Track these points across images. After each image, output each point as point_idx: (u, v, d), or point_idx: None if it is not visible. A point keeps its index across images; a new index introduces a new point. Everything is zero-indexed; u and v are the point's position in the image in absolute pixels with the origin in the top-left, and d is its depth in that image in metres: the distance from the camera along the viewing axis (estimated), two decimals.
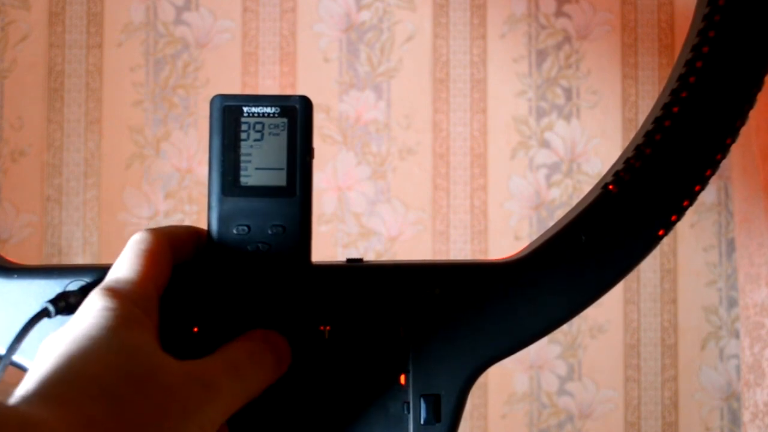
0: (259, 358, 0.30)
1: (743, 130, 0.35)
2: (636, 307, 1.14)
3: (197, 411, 0.26)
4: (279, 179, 0.33)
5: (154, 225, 0.94)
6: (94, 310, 0.27)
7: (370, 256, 1.12)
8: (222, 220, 0.33)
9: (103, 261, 0.32)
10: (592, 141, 1.15)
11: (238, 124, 0.33)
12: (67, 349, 0.25)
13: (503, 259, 0.36)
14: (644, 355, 1.14)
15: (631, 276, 1.13)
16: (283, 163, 0.33)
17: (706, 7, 0.35)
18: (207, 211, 0.33)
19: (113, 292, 0.28)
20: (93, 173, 1.11)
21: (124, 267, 0.30)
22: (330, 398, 0.33)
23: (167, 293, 0.31)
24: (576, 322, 1.13)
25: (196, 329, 0.33)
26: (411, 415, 0.34)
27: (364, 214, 1.12)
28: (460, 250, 1.13)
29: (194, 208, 1.11)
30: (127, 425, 0.24)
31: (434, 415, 0.33)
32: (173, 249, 0.32)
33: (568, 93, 1.15)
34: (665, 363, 1.14)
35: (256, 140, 0.33)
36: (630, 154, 0.35)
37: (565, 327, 1.11)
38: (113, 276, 0.30)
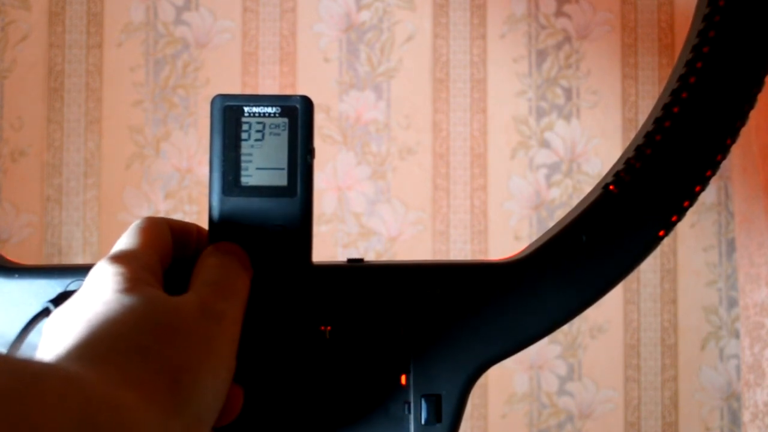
0: (232, 273, 0.31)
1: (743, 131, 0.35)
2: (636, 307, 1.14)
3: (217, 344, 0.27)
4: (280, 179, 0.33)
5: None
6: (104, 277, 0.28)
7: (370, 256, 1.12)
8: (223, 219, 0.33)
9: None
10: (592, 141, 1.15)
11: (239, 124, 0.33)
12: (87, 315, 0.26)
13: (503, 259, 0.36)
14: (644, 355, 1.14)
15: (631, 276, 1.13)
16: (284, 163, 0.33)
17: (707, 8, 0.35)
18: (208, 211, 0.33)
19: (119, 259, 0.29)
20: (93, 173, 1.11)
21: (125, 241, 0.31)
22: (331, 398, 0.33)
23: (169, 290, 0.31)
24: (576, 322, 1.13)
25: None
26: (412, 416, 0.34)
27: (364, 214, 1.12)
28: (460, 250, 1.13)
29: (194, 208, 1.11)
30: (164, 373, 0.24)
31: (435, 415, 0.33)
32: (173, 233, 0.32)
33: (568, 93, 1.15)
34: (665, 363, 1.14)
35: (256, 140, 0.33)
36: (630, 155, 0.35)
37: (565, 327, 1.11)
38: (116, 249, 0.30)
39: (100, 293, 0.27)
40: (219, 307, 0.28)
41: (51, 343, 0.25)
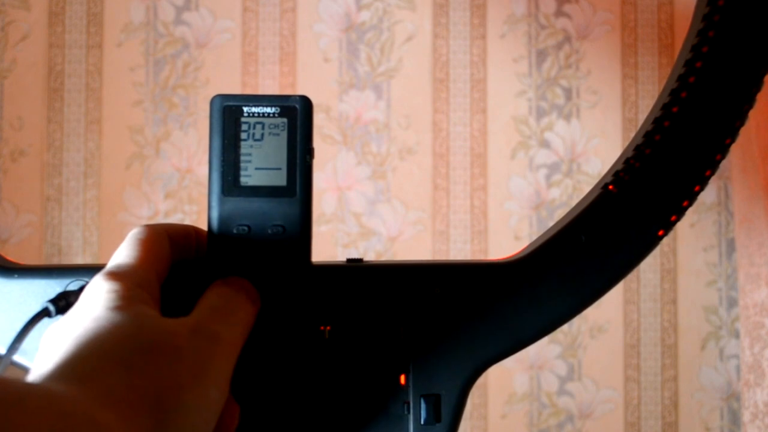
0: (235, 300, 0.31)
1: (743, 130, 0.35)
2: (636, 307, 1.14)
3: (208, 366, 0.27)
4: (279, 179, 0.33)
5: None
6: (98, 293, 0.28)
7: (370, 256, 1.12)
8: (222, 219, 0.33)
9: (103, 261, 0.32)
10: (592, 141, 1.15)
11: (238, 124, 0.33)
12: (76, 332, 0.26)
13: (503, 259, 0.36)
14: (644, 355, 1.14)
15: (631, 276, 1.13)
16: (283, 163, 0.33)
17: (706, 7, 0.35)
18: (207, 211, 0.33)
19: (114, 275, 0.29)
20: (93, 173, 1.11)
21: (123, 254, 0.31)
22: (330, 398, 0.33)
23: (167, 292, 0.31)
24: (576, 322, 1.13)
25: None
26: (411, 415, 0.34)
27: (364, 214, 1.12)
28: (460, 250, 1.13)
29: (194, 208, 1.11)
30: (147, 392, 0.24)
31: (434, 415, 0.33)
32: (172, 242, 0.32)
33: (568, 93, 1.15)
34: (665, 363, 1.14)
35: (256, 140, 0.33)
36: (630, 155, 0.35)
37: (565, 327, 1.11)
38: (113, 263, 0.30)
39: (92, 310, 0.27)
40: (215, 329, 0.28)
41: (42, 358, 0.26)
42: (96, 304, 0.27)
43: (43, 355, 0.26)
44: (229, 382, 0.28)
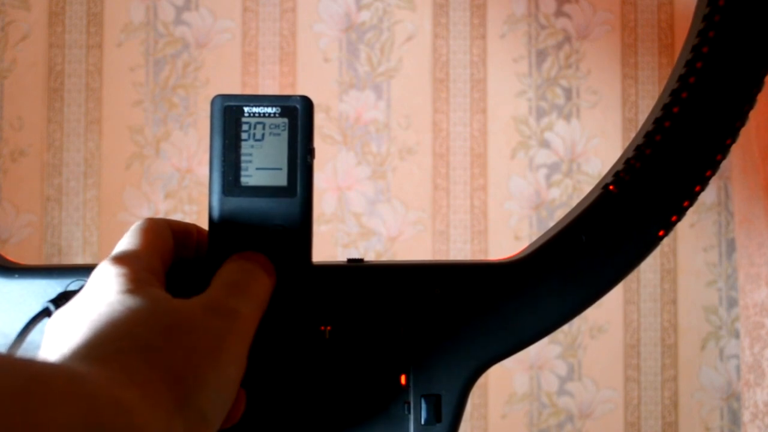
0: (250, 273, 0.31)
1: (743, 130, 0.35)
2: (636, 307, 1.14)
3: (225, 343, 0.27)
4: (279, 179, 0.33)
5: None
6: (106, 278, 0.28)
7: (370, 256, 1.12)
8: (223, 219, 0.33)
9: None
10: (592, 141, 1.15)
11: (239, 124, 0.33)
12: (91, 317, 0.26)
13: (503, 259, 0.36)
14: (644, 355, 1.14)
15: (631, 276, 1.13)
16: (284, 163, 0.33)
17: (706, 8, 0.35)
18: (208, 211, 0.33)
19: (121, 260, 0.29)
20: (93, 173, 1.11)
21: (126, 242, 0.31)
22: (330, 398, 0.33)
23: (168, 290, 0.31)
24: (576, 322, 1.13)
25: None
26: (411, 416, 0.34)
27: (364, 214, 1.12)
28: (460, 250, 1.13)
29: (194, 208, 1.11)
30: (167, 372, 0.25)
31: (435, 415, 0.33)
32: (173, 234, 0.33)
33: (568, 93, 1.15)
34: (665, 363, 1.14)
35: (256, 140, 0.33)
36: (630, 155, 0.35)
37: (565, 327, 1.11)
38: (118, 250, 0.30)
39: (104, 294, 0.27)
40: (231, 305, 0.29)
41: (55, 344, 0.26)
42: (107, 288, 0.27)
43: (55, 340, 0.26)
44: (247, 357, 0.28)
